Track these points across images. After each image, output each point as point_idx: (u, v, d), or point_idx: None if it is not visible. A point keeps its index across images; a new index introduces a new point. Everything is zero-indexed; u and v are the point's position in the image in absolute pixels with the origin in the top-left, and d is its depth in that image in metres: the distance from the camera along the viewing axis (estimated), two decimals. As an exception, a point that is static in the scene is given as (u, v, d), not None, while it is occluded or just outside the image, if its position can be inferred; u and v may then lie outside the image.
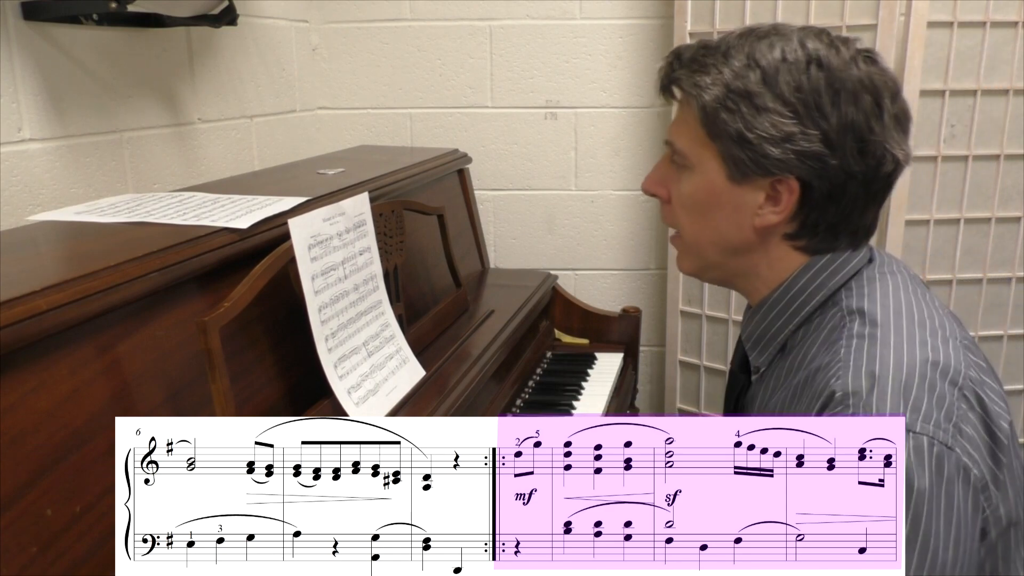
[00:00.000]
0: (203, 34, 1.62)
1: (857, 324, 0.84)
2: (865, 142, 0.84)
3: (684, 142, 0.91)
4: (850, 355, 0.81)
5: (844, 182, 0.85)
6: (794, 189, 0.86)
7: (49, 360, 0.75)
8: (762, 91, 0.84)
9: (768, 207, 0.88)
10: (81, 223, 1.05)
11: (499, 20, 2.06)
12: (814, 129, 0.83)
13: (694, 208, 0.93)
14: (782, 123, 0.83)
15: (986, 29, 1.71)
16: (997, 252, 1.84)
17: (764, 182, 0.87)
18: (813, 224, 0.88)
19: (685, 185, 0.93)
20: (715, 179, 0.89)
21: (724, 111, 0.86)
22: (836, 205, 0.87)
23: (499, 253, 2.20)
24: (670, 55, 0.94)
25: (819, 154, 0.84)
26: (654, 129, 2.08)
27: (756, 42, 0.87)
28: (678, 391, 2.10)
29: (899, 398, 0.76)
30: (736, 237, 0.91)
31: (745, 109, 0.85)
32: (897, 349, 0.80)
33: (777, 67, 0.84)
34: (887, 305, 0.85)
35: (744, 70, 0.85)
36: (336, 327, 1.05)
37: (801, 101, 0.83)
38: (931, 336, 0.82)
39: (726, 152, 0.87)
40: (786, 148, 0.84)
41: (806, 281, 0.91)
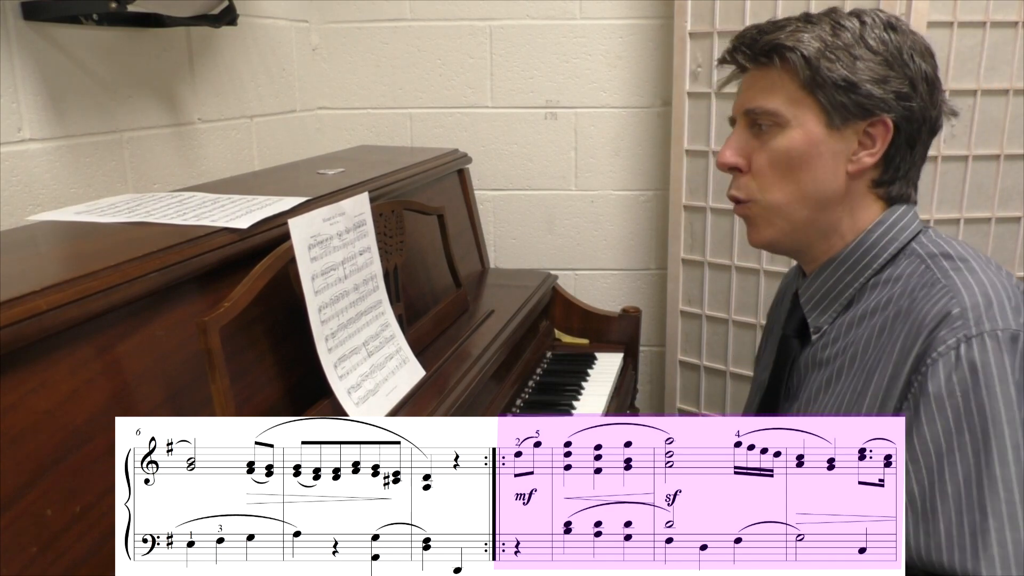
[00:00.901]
0: (203, 34, 1.62)
1: (947, 261, 0.93)
2: (935, 91, 0.97)
3: (776, 101, 0.98)
4: (954, 281, 0.89)
5: (920, 127, 0.97)
6: (889, 128, 0.95)
7: (49, 360, 0.75)
8: (855, 43, 0.95)
9: (862, 151, 0.96)
10: (81, 223, 1.05)
11: (499, 20, 2.06)
12: (902, 75, 0.95)
13: (788, 164, 0.98)
14: (878, 68, 0.94)
15: (986, 29, 1.71)
16: (997, 252, 1.84)
17: (860, 126, 0.96)
18: (897, 167, 0.98)
19: (779, 142, 0.98)
20: (813, 129, 0.96)
21: (826, 60, 0.94)
22: (912, 150, 0.98)
23: (499, 253, 2.20)
24: (742, 34, 1.02)
25: (908, 95, 0.95)
26: (654, 129, 2.08)
27: (831, 12, 0.99)
28: (678, 391, 2.10)
29: (1017, 311, 0.85)
30: (831, 186, 0.98)
31: (845, 58, 0.94)
32: (991, 276, 0.89)
33: (861, 27, 0.96)
34: (966, 248, 0.95)
35: (833, 30, 0.96)
36: (336, 327, 1.05)
37: (889, 52, 0.95)
38: (1005, 276, 0.92)
39: (828, 99, 0.95)
40: (885, 88, 0.94)
41: (879, 235, 0.98)
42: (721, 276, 1.94)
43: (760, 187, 1.00)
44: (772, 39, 0.97)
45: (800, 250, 1.04)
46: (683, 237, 1.98)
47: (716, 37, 1.81)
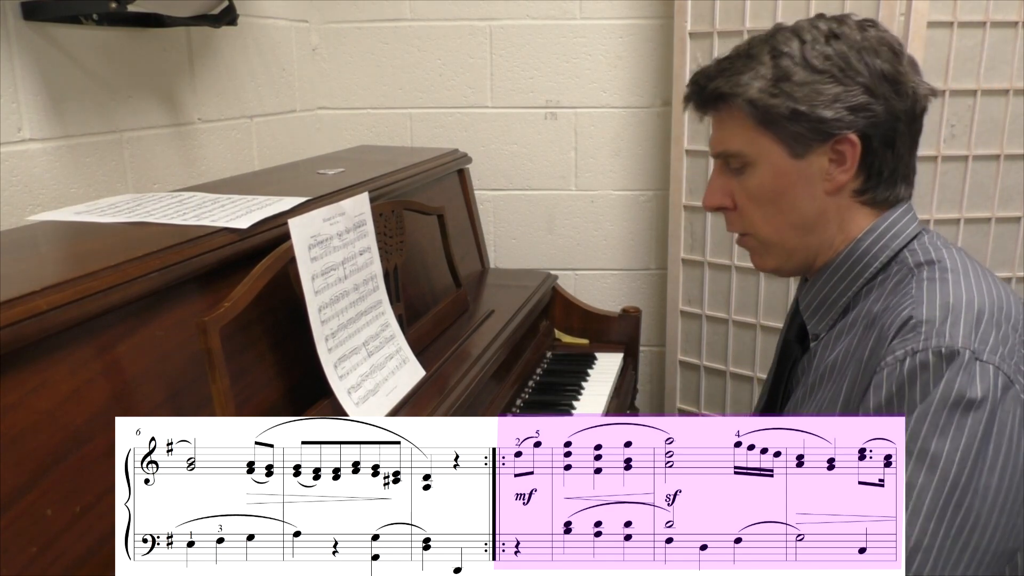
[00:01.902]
0: (203, 34, 1.62)
1: (927, 271, 0.91)
2: (898, 83, 0.93)
3: (738, 143, 0.98)
4: (922, 292, 0.88)
5: (893, 125, 0.93)
6: (855, 143, 0.93)
7: (49, 360, 0.75)
8: (797, 70, 0.92)
9: (834, 169, 0.95)
10: (81, 223, 1.05)
11: (499, 20, 2.06)
12: (853, 85, 0.92)
13: (766, 198, 0.98)
14: (825, 88, 0.92)
15: (986, 29, 1.71)
16: (997, 252, 1.84)
17: (825, 147, 0.94)
18: (877, 172, 0.95)
19: (751, 180, 0.98)
20: (779, 162, 0.95)
21: (771, 97, 0.93)
22: (891, 149, 0.94)
23: (499, 253, 2.20)
24: (692, 80, 1.02)
25: (866, 104, 0.92)
26: (654, 129, 2.08)
27: (770, 39, 0.96)
28: (678, 391, 2.10)
29: (971, 328, 0.82)
30: (812, 210, 0.97)
31: (788, 89, 0.92)
32: (968, 289, 0.87)
33: (801, 49, 0.93)
34: (952, 257, 0.93)
35: (773, 61, 0.94)
36: (336, 327, 1.05)
37: (834, 66, 0.92)
38: (994, 286, 0.89)
39: (783, 133, 0.94)
40: (836, 107, 0.91)
41: (870, 243, 0.97)
42: (721, 276, 1.94)
43: (750, 222, 1.01)
44: (714, 88, 0.97)
45: (805, 269, 1.04)
46: (683, 237, 1.98)
47: (716, 37, 1.81)
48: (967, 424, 0.78)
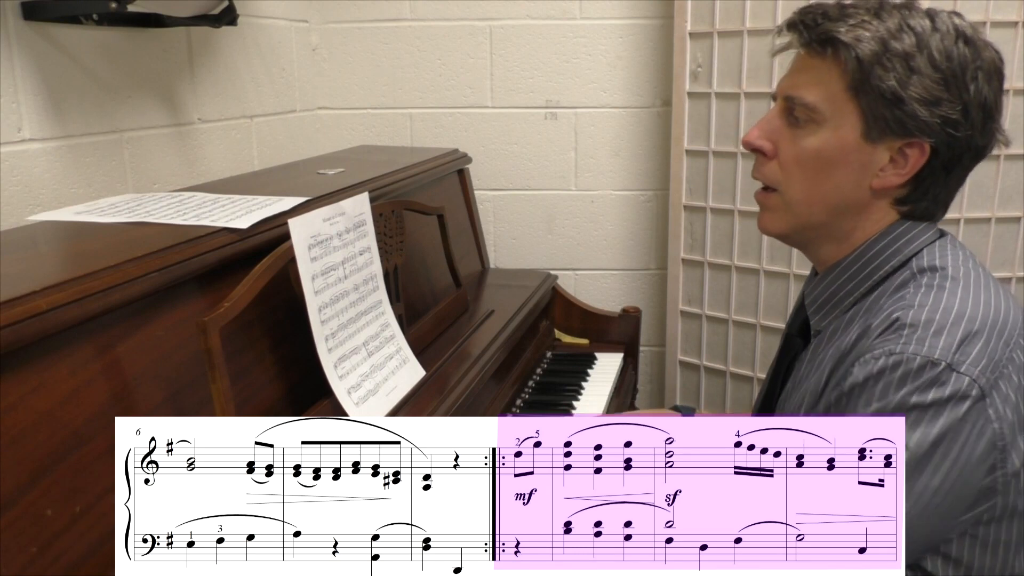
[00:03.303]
0: (203, 34, 1.62)
1: (927, 277, 0.89)
2: (990, 120, 0.90)
3: (817, 96, 0.91)
4: (916, 297, 0.86)
5: (962, 154, 0.90)
6: (925, 152, 0.89)
7: (49, 360, 0.75)
8: (917, 54, 0.86)
9: (891, 169, 0.91)
10: (81, 223, 1.05)
11: (499, 20, 2.06)
12: (956, 100, 0.87)
13: (815, 165, 0.93)
14: (933, 88, 0.86)
15: (986, 29, 1.70)
16: (997, 252, 1.84)
17: (896, 143, 0.89)
18: (925, 190, 0.92)
19: (810, 140, 0.92)
20: (848, 136, 0.90)
21: (880, 67, 0.87)
22: (948, 174, 0.91)
23: (499, 253, 2.20)
24: (805, 11, 0.93)
25: (956, 123, 0.87)
26: (654, 129, 2.08)
27: (904, 8, 0.90)
28: (678, 391, 2.10)
29: (953, 340, 0.81)
30: (852, 196, 0.93)
31: (900, 68, 0.86)
32: (962, 301, 0.85)
33: (930, 35, 0.87)
34: (956, 266, 0.90)
35: (899, 31, 0.87)
36: (336, 327, 1.05)
37: (950, 70, 0.87)
38: (995, 297, 0.87)
39: (871, 109, 0.88)
40: (933, 111, 0.87)
41: (883, 246, 0.94)
42: (721, 276, 1.94)
43: (784, 179, 0.96)
44: (831, 29, 0.89)
45: (807, 246, 1.01)
46: (683, 237, 1.98)
47: (716, 37, 1.81)
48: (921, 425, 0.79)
